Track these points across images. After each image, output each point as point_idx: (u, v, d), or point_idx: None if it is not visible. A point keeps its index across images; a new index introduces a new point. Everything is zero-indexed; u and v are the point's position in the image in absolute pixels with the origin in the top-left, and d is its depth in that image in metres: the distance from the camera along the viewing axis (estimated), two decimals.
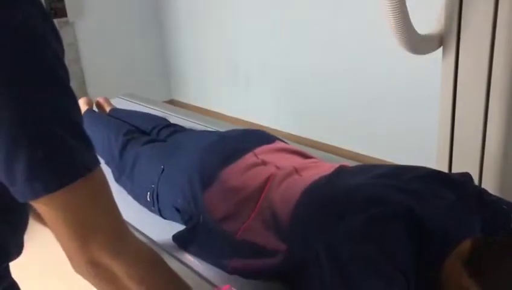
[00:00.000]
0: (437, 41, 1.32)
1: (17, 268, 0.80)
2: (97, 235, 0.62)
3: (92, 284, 0.67)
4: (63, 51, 0.60)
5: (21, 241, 0.75)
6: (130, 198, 1.40)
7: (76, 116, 0.60)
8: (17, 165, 0.55)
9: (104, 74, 3.33)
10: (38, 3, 0.57)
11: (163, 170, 1.28)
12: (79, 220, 0.61)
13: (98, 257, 0.63)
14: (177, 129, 1.65)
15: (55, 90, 0.57)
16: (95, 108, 1.95)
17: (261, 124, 3.02)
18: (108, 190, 0.64)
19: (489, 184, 1.31)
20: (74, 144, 0.58)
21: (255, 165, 1.16)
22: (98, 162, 0.62)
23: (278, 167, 1.13)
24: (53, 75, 0.57)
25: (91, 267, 0.63)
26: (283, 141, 1.36)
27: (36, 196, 0.57)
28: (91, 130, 1.66)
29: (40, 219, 0.69)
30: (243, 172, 1.14)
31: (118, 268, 0.65)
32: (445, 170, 1.40)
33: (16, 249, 0.75)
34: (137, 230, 1.22)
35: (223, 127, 1.76)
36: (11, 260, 0.75)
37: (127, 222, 0.68)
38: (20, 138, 0.55)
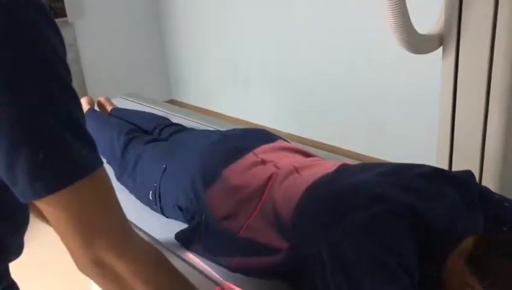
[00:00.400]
0: (437, 40, 1.33)
1: (16, 268, 0.80)
2: (101, 235, 0.62)
3: (97, 283, 0.67)
4: (64, 51, 0.60)
5: (21, 242, 0.75)
6: (132, 197, 1.40)
7: (78, 116, 0.60)
8: (19, 166, 0.55)
9: (104, 75, 3.32)
10: (40, 4, 0.57)
11: (165, 169, 1.28)
12: (83, 220, 0.61)
13: (102, 257, 0.62)
14: (179, 129, 1.65)
15: (57, 90, 0.57)
16: (96, 108, 1.95)
17: (261, 124, 3.02)
18: (112, 190, 0.64)
19: (490, 183, 1.31)
20: (76, 144, 0.58)
21: (256, 164, 1.17)
22: (101, 162, 0.62)
23: (277, 166, 1.14)
24: (55, 75, 0.57)
25: (96, 267, 0.63)
26: (285, 140, 1.36)
27: (37, 196, 0.57)
28: (93, 129, 1.66)
29: (40, 215, 0.69)
30: (244, 171, 1.15)
31: (122, 267, 0.64)
32: (446, 169, 1.40)
33: (16, 249, 0.74)
34: (140, 229, 1.23)
35: (224, 127, 1.77)
36: (11, 260, 0.75)
37: (129, 221, 0.69)
38: (21, 138, 0.54)
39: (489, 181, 1.33)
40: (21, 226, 0.73)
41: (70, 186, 0.57)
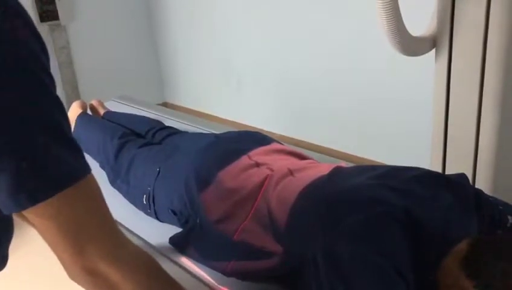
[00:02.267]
0: (430, 43, 1.33)
1: (1, 280, 0.78)
2: (92, 243, 0.61)
3: None
4: (48, 58, 0.59)
5: (5, 254, 0.73)
6: (125, 201, 1.39)
7: (62, 123, 0.58)
8: (1, 177, 0.54)
9: (97, 77, 3.31)
10: (21, 12, 0.56)
11: (159, 172, 1.27)
12: (72, 228, 0.60)
13: (94, 265, 0.62)
14: (172, 132, 1.64)
15: (40, 98, 0.56)
16: (89, 111, 1.94)
17: (255, 126, 3.02)
18: (101, 197, 0.63)
19: (483, 185, 1.32)
20: (61, 153, 0.57)
21: (250, 166, 1.16)
22: (88, 169, 0.60)
23: (272, 169, 1.13)
24: (38, 83, 0.56)
25: (87, 275, 0.63)
26: (279, 143, 1.36)
27: (21, 208, 0.56)
28: (85, 133, 1.68)
29: (26, 218, 0.68)
30: (238, 174, 1.14)
31: (114, 274, 0.64)
32: (439, 171, 1.40)
33: (0, 261, 0.73)
34: (134, 233, 1.22)
35: (218, 130, 1.76)
36: None
37: (123, 226, 0.68)
38: (4, 148, 0.53)
39: (483, 182, 1.34)
40: (5, 238, 0.71)
41: (57, 196, 0.56)
